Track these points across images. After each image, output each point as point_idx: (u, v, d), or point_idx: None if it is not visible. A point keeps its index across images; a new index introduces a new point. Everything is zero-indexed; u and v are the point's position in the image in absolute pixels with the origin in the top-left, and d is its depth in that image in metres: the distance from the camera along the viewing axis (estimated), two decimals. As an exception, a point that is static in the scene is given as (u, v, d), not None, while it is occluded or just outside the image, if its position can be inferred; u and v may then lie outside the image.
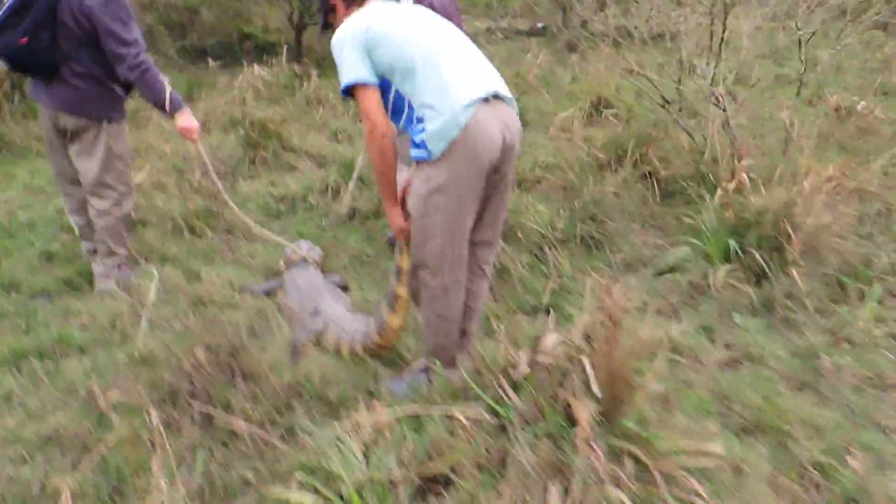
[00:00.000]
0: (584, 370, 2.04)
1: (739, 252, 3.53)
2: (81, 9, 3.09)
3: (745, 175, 4.21)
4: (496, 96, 2.34)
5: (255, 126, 5.90)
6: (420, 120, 2.29)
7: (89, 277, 3.63)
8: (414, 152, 2.33)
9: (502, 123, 2.31)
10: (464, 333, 2.59)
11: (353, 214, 4.61)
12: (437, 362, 2.54)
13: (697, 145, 4.97)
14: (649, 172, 4.80)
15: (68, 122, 3.25)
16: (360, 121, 2.43)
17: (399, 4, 2.56)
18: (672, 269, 3.68)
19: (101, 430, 2.33)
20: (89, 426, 2.37)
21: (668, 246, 4.04)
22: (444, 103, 2.23)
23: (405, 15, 2.46)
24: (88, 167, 3.34)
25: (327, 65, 8.54)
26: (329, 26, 2.65)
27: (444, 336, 2.52)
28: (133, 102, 5.37)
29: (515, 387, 2.27)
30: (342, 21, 2.52)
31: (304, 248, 3.67)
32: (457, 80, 2.28)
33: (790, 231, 3.38)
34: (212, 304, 3.26)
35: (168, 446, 2.13)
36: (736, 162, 4.32)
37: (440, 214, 2.31)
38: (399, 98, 2.37)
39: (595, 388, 1.93)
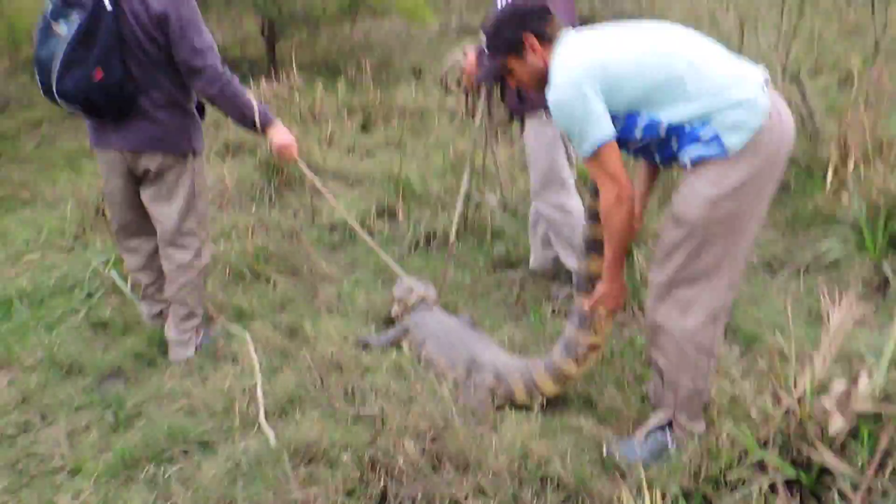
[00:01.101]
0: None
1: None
2: (150, 17, 2.48)
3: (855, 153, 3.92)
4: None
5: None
6: (703, 123, 1.89)
7: (160, 346, 3.01)
8: (698, 150, 1.91)
9: (786, 112, 1.95)
10: None
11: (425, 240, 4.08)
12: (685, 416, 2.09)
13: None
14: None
15: (151, 162, 2.65)
16: (597, 183, 1.93)
17: (598, 28, 2.06)
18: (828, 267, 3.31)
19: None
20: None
21: (788, 240, 3.69)
22: (736, 93, 1.86)
23: (623, 34, 2.00)
24: (169, 213, 2.74)
25: (318, 74, 7.93)
26: (504, 89, 2.29)
27: (702, 378, 2.05)
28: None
29: (837, 448, 1.83)
30: (534, 66, 2.08)
31: (417, 285, 3.14)
32: (736, 69, 1.92)
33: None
34: (344, 368, 2.68)
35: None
36: (842, 140, 4.00)
37: (728, 219, 1.90)
38: (652, 125, 1.95)
39: None
